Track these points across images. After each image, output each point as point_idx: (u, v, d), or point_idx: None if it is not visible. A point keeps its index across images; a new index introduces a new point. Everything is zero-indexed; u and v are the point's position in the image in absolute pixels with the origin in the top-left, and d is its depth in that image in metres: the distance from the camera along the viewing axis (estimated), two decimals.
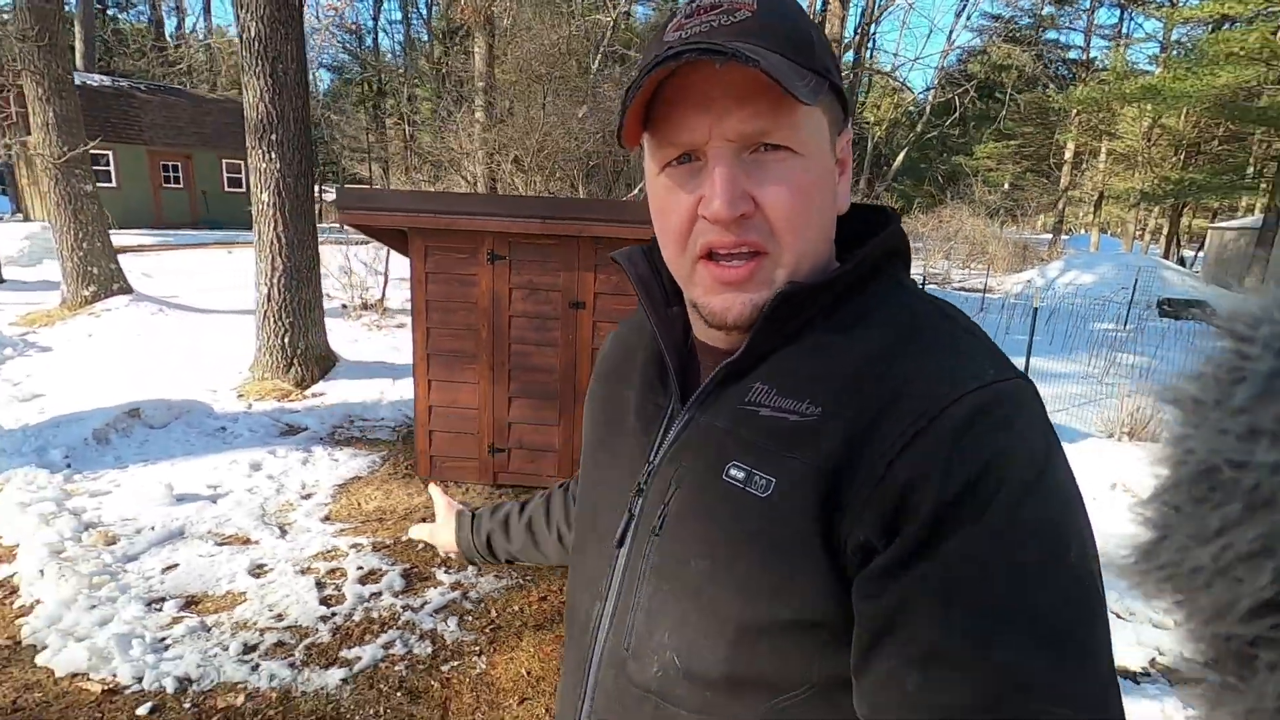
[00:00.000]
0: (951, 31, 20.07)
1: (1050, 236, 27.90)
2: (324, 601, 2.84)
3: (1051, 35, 30.23)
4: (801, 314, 0.57)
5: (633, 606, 0.60)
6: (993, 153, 31.27)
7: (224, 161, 19.94)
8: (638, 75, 0.53)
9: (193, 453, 4.20)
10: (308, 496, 3.81)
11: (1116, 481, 4.31)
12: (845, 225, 0.64)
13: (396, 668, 2.48)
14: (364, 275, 7.95)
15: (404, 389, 5.68)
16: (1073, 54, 30.72)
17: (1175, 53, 24.27)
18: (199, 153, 19.47)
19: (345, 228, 5.25)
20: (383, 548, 3.29)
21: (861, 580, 0.49)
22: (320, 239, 5.61)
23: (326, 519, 3.56)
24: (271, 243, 5.18)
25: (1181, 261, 25.15)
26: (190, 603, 2.80)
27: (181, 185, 19.44)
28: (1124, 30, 28.86)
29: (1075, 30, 29.85)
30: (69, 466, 3.86)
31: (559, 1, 12.63)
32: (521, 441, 3.98)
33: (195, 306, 7.86)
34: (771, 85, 0.50)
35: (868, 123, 25.82)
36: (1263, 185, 20.05)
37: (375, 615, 2.77)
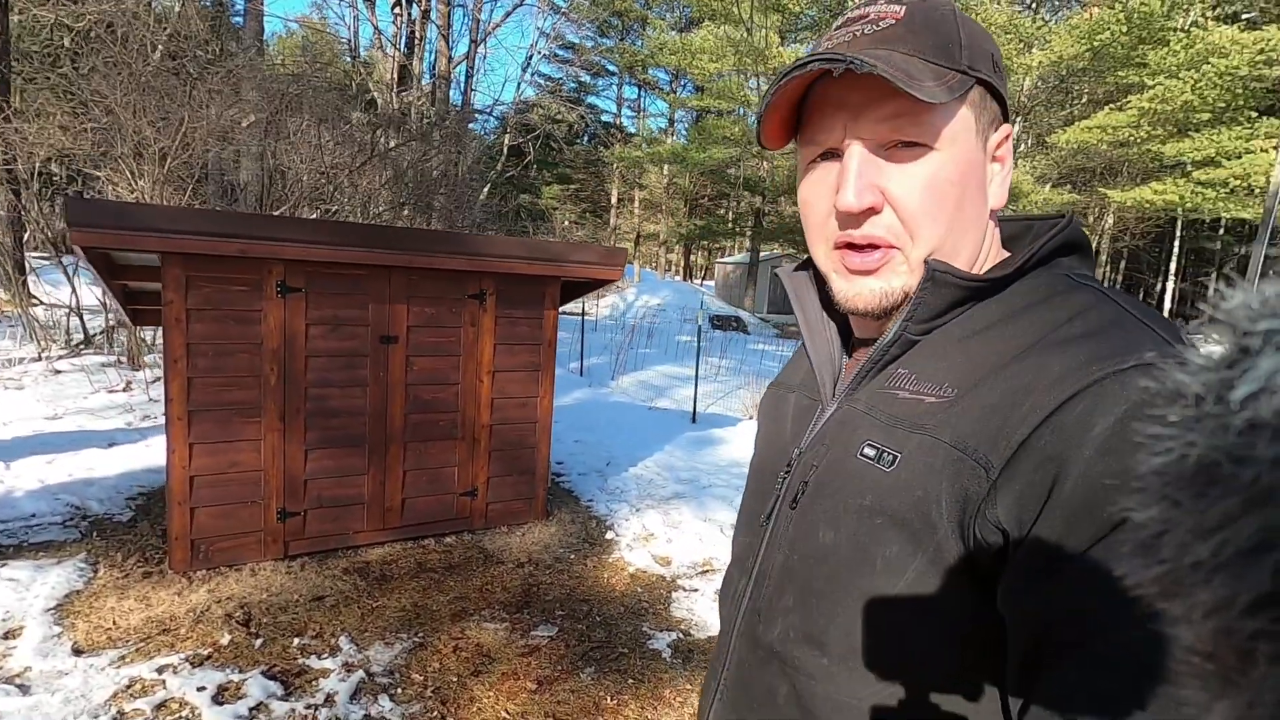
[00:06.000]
0: (520, 84, 22.49)
1: None
2: None
3: (592, 100, 36.20)
4: (952, 302, 0.57)
5: (769, 574, 0.64)
6: (556, 194, 35.80)
7: None
8: (770, 86, 0.56)
9: None
10: (10, 636, 2.62)
11: None
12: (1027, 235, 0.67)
13: None
14: None
15: (55, 470, 4.10)
16: (607, 117, 37.40)
17: (679, 128, 31.86)
18: None
19: None
20: (205, 659, 2.57)
21: (1012, 572, 0.46)
22: None
23: (79, 653, 2.55)
24: None
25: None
26: None
27: None
28: (643, 105, 36.41)
29: (609, 99, 36.37)
30: None
31: None
32: (321, 499, 3.46)
33: None
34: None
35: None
36: (741, 232, 27.85)
37: None
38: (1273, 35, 13.33)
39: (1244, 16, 17.31)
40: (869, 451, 0.57)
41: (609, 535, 4.01)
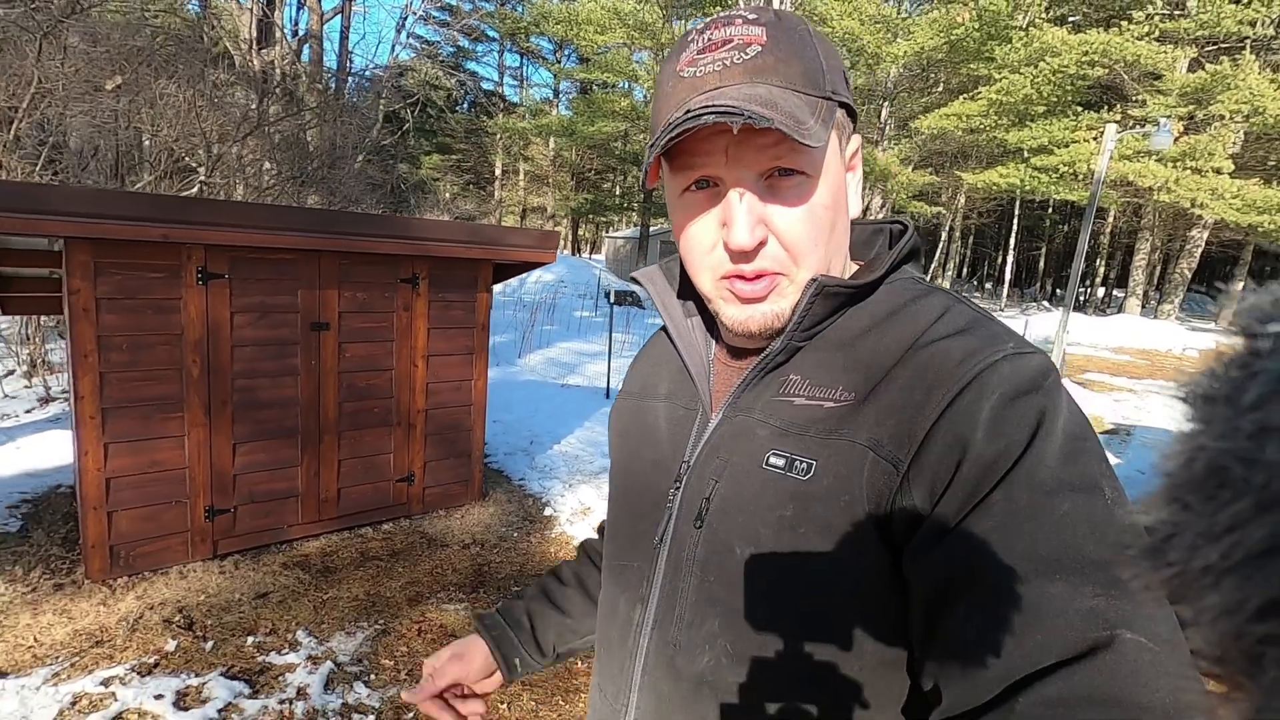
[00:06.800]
0: (394, 46, 21.21)
1: None
2: None
3: (472, 66, 34.79)
4: (834, 309, 0.60)
5: (678, 600, 0.61)
6: (437, 165, 34.28)
7: None
8: (660, 133, 0.54)
9: None
10: None
11: None
12: (855, 231, 0.70)
13: None
14: None
15: None
16: (487, 85, 36.11)
17: (564, 99, 31.34)
18: None
19: None
20: (154, 667, 2.46)
21: (912, 548, 0.50)
22: None
23: (2, 675, 2.36)
24: None
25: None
26: None
27: None
28: (525, 74, 35.46)
29: (490, 65, 35.13)
30: None
31: None
32: (252, 494, 3.32)
33: None
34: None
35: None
36: (629, 207, 28.05)
37: None
38: (1094, 38, 15.16)
39: (1070, 19, 19.49)
40: (776, 461, 0.56)
41: (547, 512, 4.12)
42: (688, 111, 0.53)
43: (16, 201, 2.37)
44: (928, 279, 0.65)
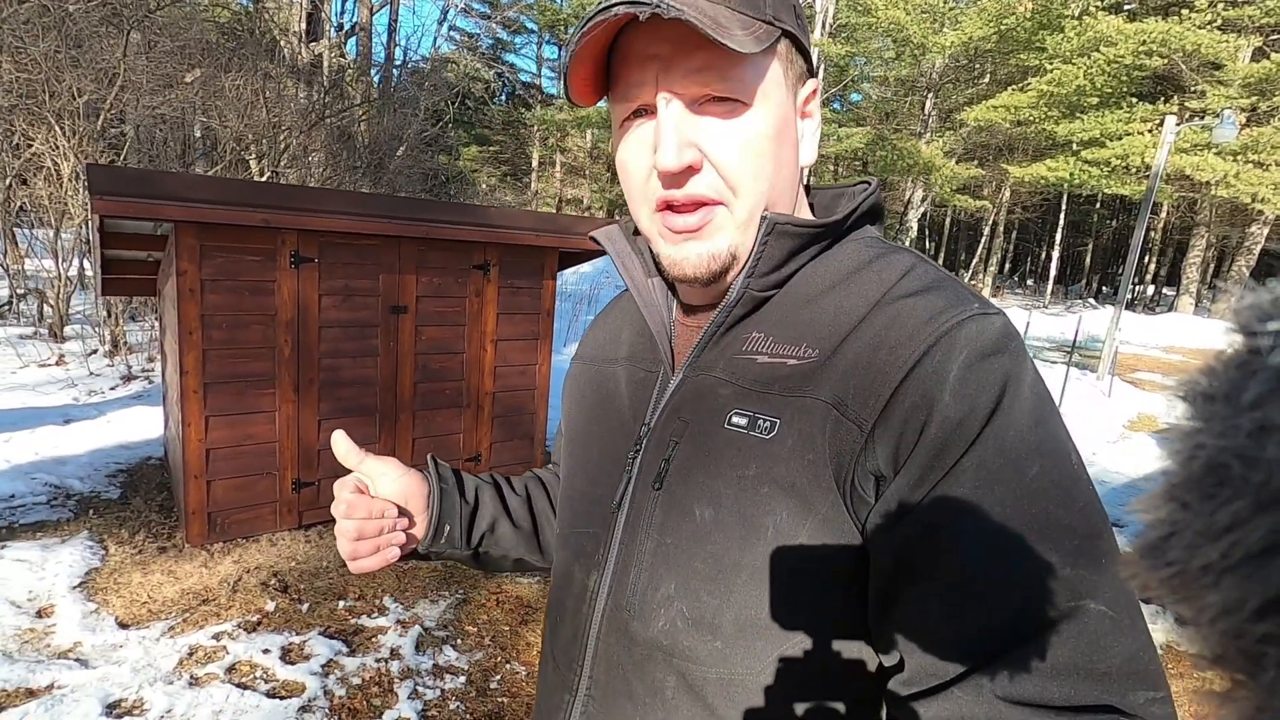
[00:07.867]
0: (436, 39, 21.48)
1: None
2: (275, 695, 2.25)
3: (510, 58, 35.10)
4: (790, 252, 0.57)
5: (634, 564, 0.59)
6: (475, 156, 34.69)
7: None
8: (574, 33, 0.52)
9: None
10: (44, 614, 2.58)
11: None
12: (818, 195, 0.68)
13: (451, 705, 2.28)
14: None
15: (16, 448, 3.87)
16: (525, 76, 36.37)
17: None
18: None
19: None
20: (257, 625, 2.63)
21: (876, 511, 0.49)
22: None
23: (125, 626, 2.55)
24: None
25: None
26: None
27: None
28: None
29: (528, 57, 35.38)
30: None
31: None
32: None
33: None
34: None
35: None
36: None
37: (358, 683, 2.36)
38: (1152, 27, 14.69)
39: (1125, 7, 18.88)
40: (739, 420, 0.55)
41: None
42: (600, 5, 0.50)
43: (136, 187, 2.54)
44: (971, 261, 0.61)
